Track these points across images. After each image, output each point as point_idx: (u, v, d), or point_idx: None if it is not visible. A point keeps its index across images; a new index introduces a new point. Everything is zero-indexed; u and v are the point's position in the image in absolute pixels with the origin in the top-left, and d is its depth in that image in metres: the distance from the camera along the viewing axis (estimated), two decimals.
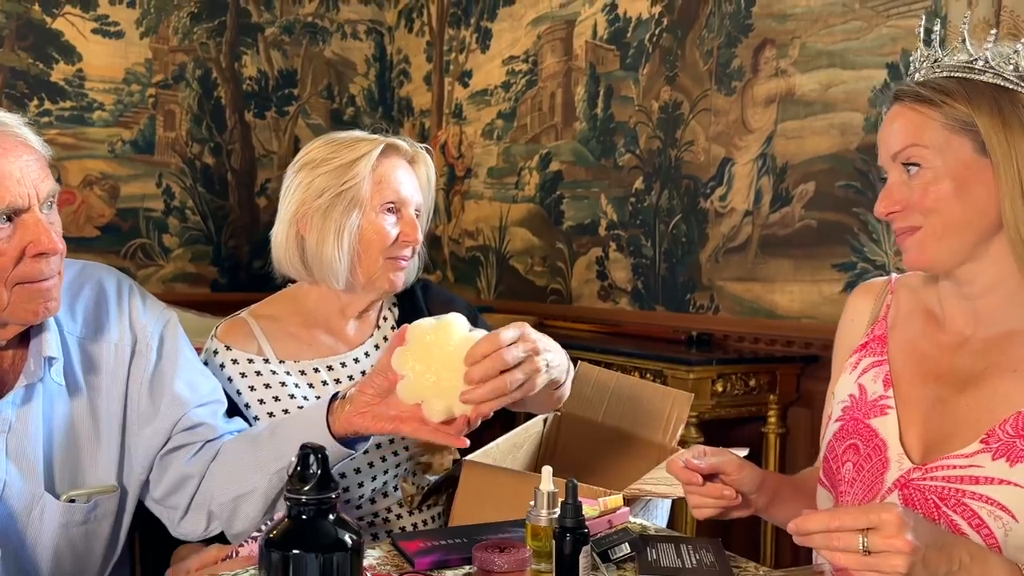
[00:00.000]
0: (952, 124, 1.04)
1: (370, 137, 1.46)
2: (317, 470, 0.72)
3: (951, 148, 1.04)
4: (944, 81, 1.06)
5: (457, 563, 1.05)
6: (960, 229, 1.05)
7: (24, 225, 1.10)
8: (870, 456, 1.11)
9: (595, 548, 1.04)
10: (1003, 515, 1.00)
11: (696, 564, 1.04)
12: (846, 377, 1.21)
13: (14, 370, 1.18)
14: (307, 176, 1.43)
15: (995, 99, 1.03)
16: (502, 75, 3.95)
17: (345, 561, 0.72)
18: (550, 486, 1.08)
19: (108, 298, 1.27)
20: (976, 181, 1.04)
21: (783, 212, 2.73)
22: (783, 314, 2.73)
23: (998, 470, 1.01)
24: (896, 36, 2.44)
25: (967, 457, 1.03)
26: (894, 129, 1.09)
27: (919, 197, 1.06)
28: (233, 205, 4.35)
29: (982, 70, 1.04)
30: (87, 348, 1.24)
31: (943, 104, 1.04)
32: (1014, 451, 1.01)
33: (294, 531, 0.72)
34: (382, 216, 1.43)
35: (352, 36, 4.66)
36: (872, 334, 1.21)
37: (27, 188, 1.09)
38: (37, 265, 1.11)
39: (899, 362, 1.15)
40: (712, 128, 2.97)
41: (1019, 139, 1.02)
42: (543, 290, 3.68)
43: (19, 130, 1.13)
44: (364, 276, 1.45)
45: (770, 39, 2.78)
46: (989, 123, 1.02)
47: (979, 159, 1.04)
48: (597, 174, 3.44)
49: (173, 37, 4.17)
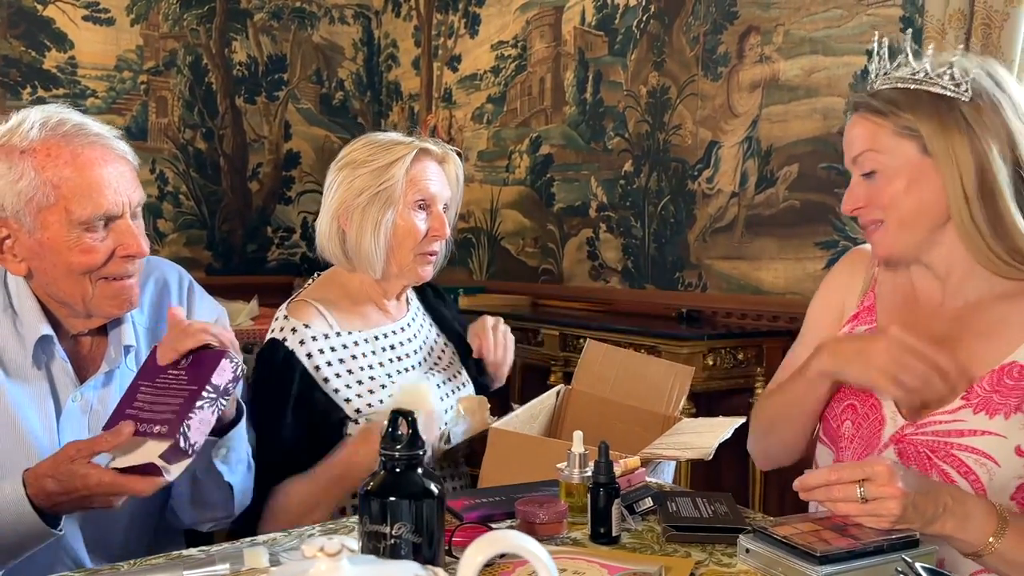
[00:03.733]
0: (900, 131, 1.19)
1: (406, 141, 1.60)
2: (407, 430, 0.84)
3: (900, 151, 1.19)
4: (892, 92, 1.21)
5: (501, 517, 1.16)
6: (915, 221, 1.20)
7: (118, 230, 1.21)
8: (867, 415, 1.25)
9: (622, 502, 1.16)
10: (987, 462, 1.14)
11: (712, 514, 1.17)
12: None
13: (92, 356, 1.29)
14: (348, 175, 1.58)
15: (935, 106, 1.18)
16: (491, 60, 4.03)
17: (432, 507, 0.84)
18: (581, 448, 1.20)
19: (170, 291, 1.40)
20: (923, 179, 1.19)
21: (768, 193, 2.86)
22: (768, 290, 2.87)
23: (980, 422, 1.15)
24: (875, 24, 2.56)
25: (952, 413, 1.18)
26: (853, 136, 1.25)
27: (876, 195, 1.21)
28: (226, 190, 4.41)
29: (923, 81, 1.19)
30: (153, 338, 1.34)
31: (891, 114, 1.20)
32: (991, 405, 1.15)
33: (389, 482, 0.84)
34: (414, 212, 1.58)
35: (340, 20, 4.71)
36: (863, 304, 1.35)
37: (122, 197, 1.21)
38: (124, 265, 1.23)
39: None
40: (699, 112, 3.09)
41: (956, 140, 1.17)
42: (535, 270, 3.79)
43: (114, 142, 1.24)
44: (397, 267, 1.61)
45: (755, 26, 2.90)
46: (930, 128, 1.17)
47: (924, 159, 1.19)
48: (587, 157, 3.55)
49: (163, 23, 4.21)
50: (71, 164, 1.18)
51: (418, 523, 0.84)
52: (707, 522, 1.14)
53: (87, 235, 1.19)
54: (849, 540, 1.00)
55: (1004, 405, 1.15)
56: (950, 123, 1.16)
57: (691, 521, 1.14)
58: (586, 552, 1.06)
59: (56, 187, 1.17)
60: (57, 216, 1.18)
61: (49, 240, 1.19)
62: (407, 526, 0.83)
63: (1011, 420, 1.14)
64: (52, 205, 1.17)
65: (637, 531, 1.16)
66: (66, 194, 1.17)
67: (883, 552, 0.99)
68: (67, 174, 1.17)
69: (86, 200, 1.18)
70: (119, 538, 1.31)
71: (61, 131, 1.19)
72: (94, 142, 1.21)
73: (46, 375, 1.24)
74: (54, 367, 1.25)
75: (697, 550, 1.09)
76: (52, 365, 1.25)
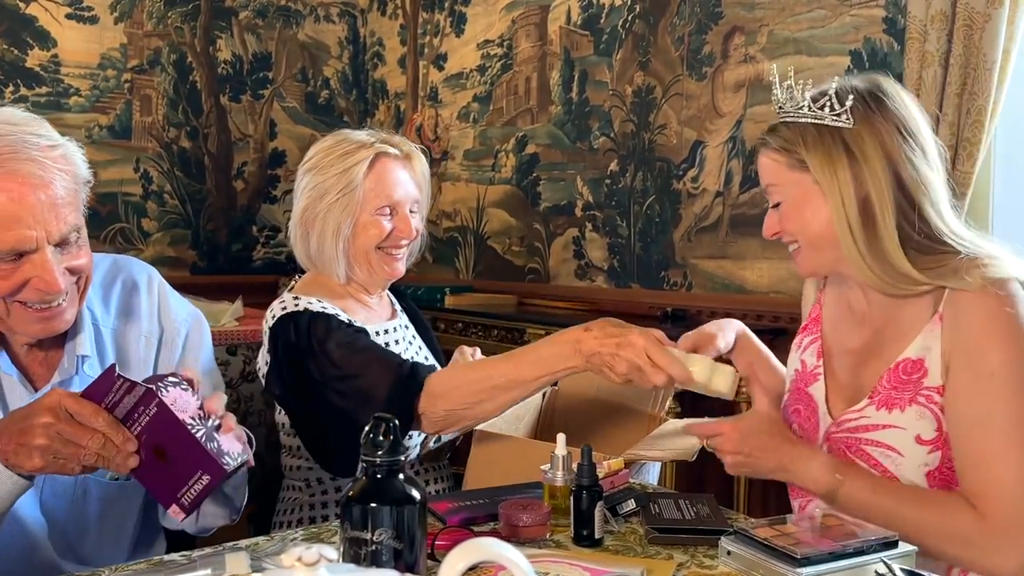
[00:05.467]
0: (793, 163, 1.26)
1: (367, 142, 1.58)
2: (388, 437, 0.84)
3: (795, 183, 1.27)
4: (783, 128, 1.27)
5: (484, 520, 1.17)
6: (819, 242, 1.28)
7: (32, 263, 1.12)
8: (809, 417, 1.35)
9: (605, 504, 1.16)
10: (891, 454, 1.23)
11: (695, 515, 1.18)
12: (793, 355, 1.45)
13: (49, 364, 1.26)
14: (312, 180, 1.57)
15: (819, 137, 1.24)
16: (477, 59, 4.03)
17: (414, 512, 0.84)
18: (564, 450, 1.21)
19: (139, 291, 1.35)
20: (815, 202, 1.26)
21: (752, 192, 2.87)
22: (753, 289, 2.89)
23: (882, 417, 1.24)
24: (858, 24, 2.58)
25: (858, 411, 1.27)
26: (760, 170, 1.33)
27: (785, 223, 1.30)
28: (211, 188, 4.39)
29: (805, 114, 1.25)
30: (119, 340, 1.32)
31: (783, 149, 1.27)
32: (891, 400, 1.23)
33: (370, 488, 0.84)
34: (376, 218, 1.56)
35: (325, 19, 4.70)
36: (811, 316, 1.45)
37: (36, 231, 1.10)
38: (38, 295, 1.14)
39: (830, 337, 1.39)
40: (684, 112, 3.10)
41: (839, 169, 1.23)
42: (521, 269, 3.80)
43: (53, 161, 1.13)
44: (362, 271, 1.60)
45: (739, 26, 2.91)
46: (814, 160, 1.24)
47: (814, 186, 1.26)
48: (573, 156, 3.56)
49: (147, 22, 4.18)
50: None
51: (399, 529, 0.84)
52: (689, 524, 1.15)
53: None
54: (829, 542, 1.01)
55: (900, 399, 1.22)
56: (833, 153, 1.23)
57: (673, 523, 1.15)
58: (569, 555, 1.07)
59: None
60: None
61: None
62: (388, 532, 0.83)
63: (907, 412, 1.22)
64: None
65: (620, 533, 1.17)
66: None
67: (863, 553, 1.00)
68: None
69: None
70: (91, 544, 1.29)
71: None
72: (17, 170, 1.09)
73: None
74: (2, 378, 1.21)
75: (679, 552, 1.10)
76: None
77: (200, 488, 1.06)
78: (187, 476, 1.06)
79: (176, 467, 1.06)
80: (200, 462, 1.05)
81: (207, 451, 1.05)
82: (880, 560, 0.99)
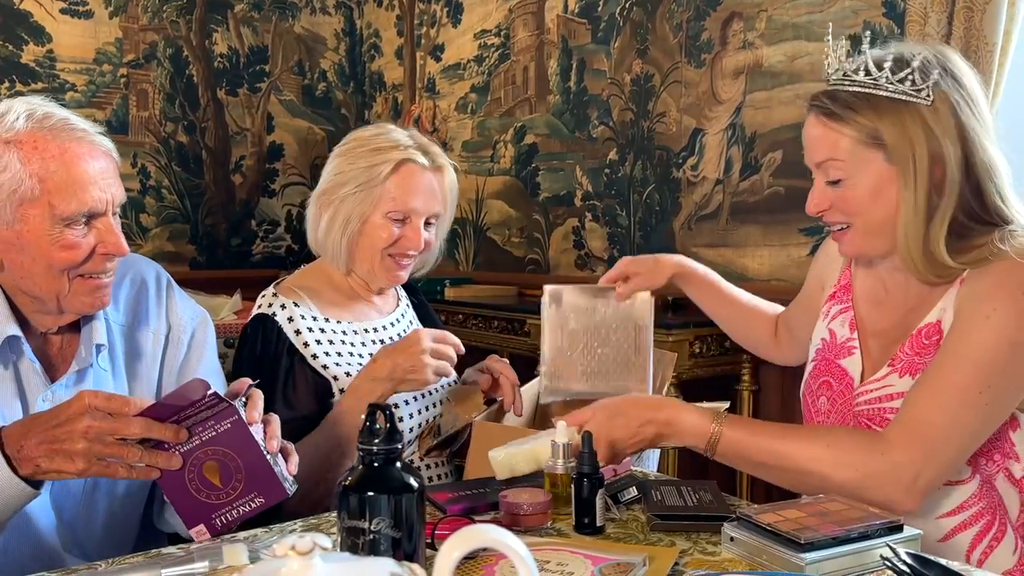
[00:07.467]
0: (865, 140, 1.18)
1: (403, 144, 1.55)
2: (385, 424, 0.83)
3: (866, 161, 1.18)
4: (850, 97, 1.18)
5: (485, 509, 1.16)
6: (882, 227, 1.20)
7: (99, 228, 1.19)
8: (843, 392, 1.29)
9: (606, 491, 1.15)
10: None
11: (697, 502, 1.16)
12: (820, 323, 1.38)
13: (63, 355, 1.27)
14: (339, 165, 1.56)
15: (897, 113, 1.16)
16: (474, 49, 4.01)
17: (411, 501, 0.83)
18: (565, 439, 1.20)
19: (148, 289, 1.36)
20: (889, 187, 1.18)
21: (752, 180, 2.85)
22: (754, 277, 2.87)
23: (905, 384, 1.19)
24: (858, 8, 2.56)
25: (879, 381, 1.22)
26: (812, 139, 1.23)
27: (842, 202, 1.21)
28: (209, 183, 4.38)
29: (884, 87, 1.17)
30: (129, 336, 1.33)
31: (852, 121, 1.18)
32: (914, 366, 1.19)
33: (367, 476, 0.83)
34: (386, 221, 1.54)
35: (321, 11, 4.68)
36: (840, 284, 1.38)
37: (106, 195, 1.19)
38: (104, 263, 1.21)
39: (862, 309, 1.33)
40: (683, 100, 3.08)
41: (919, 150, 1.15)
42: (521, 260, 3.78)
43: (99, 138, 1.21)
44: (362, 268, 1.59)
45: (737, 12, 2.89)
46: (894, 137, 1.16)
47: (890, 168, 1.18)
48: (572, 146, 3.54)
49: (143, 16, 4.17)
50: (58, 158, 1.15)
51: (397, 518, 0.83)
52: (691, 511, 1.13)
53: (69, 231, 1.17)
54: (833, 527, 1.00)
55: (924, 364, 1.18)
56: (915, 135, 1.15)
57: (675, 510, 1.14)
58: (570, 543, 1.06)
59: (42, 180, 1.15)
60: (39, 210, 1.15)
61: (29, 234, 1.16)
62: (386, 521, 0.82)
63: None
64: (36, 199, 1.15)
65: (622, 521, 1.16)
66: (51, 188, 1.15)
67: (868, 538, 0.99)
68: (53, 168, 1.15)
69: (71, 196, 1.16)
70: (97, 540, 1.29)
71: (48, 124, 1.17)
72: (81, 137, 1.19)
73: (13, 375, 1.22)
74: (22, 366, 1.23)
75: (681, 539, 1.09)
76: (20, 364, 1.23)
77: (245, 510, 1.06)
78: (237, 497, 1.05)
79: (226, 486, 1.05)
80: (261, 484, 1.05)
81: (274, 473, 1.05)
82: (885, 544, 0.97)
